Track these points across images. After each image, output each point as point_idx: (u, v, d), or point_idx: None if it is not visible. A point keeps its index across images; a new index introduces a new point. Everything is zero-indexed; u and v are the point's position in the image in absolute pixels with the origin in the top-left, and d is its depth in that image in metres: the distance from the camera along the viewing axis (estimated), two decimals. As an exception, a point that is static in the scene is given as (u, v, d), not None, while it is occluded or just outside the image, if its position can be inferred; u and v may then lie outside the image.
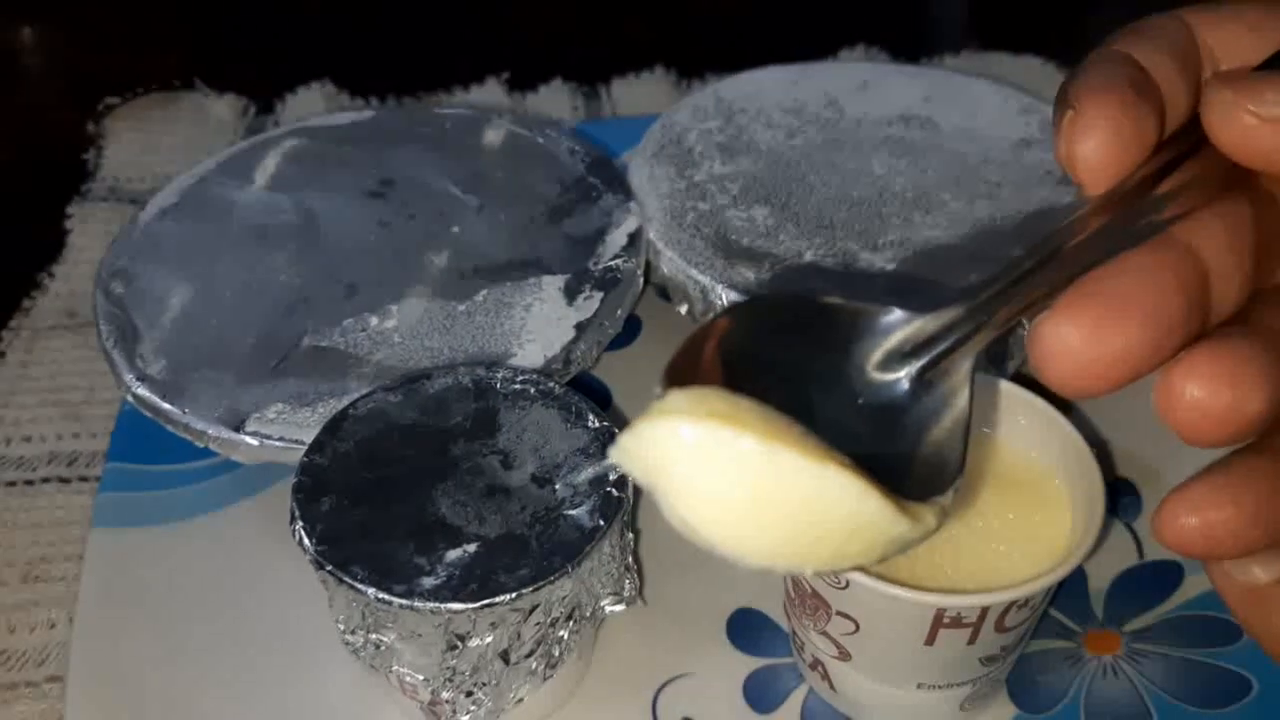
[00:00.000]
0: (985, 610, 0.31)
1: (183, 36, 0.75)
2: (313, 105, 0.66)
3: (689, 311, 0.46)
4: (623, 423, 0.44)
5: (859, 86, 0.55)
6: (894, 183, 0.50)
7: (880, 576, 0.31)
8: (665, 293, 0.48)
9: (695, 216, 0.48)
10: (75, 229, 0.57)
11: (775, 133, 0.53)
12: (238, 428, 0.40)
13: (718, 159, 0.51)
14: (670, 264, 0.46)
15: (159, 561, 0.41)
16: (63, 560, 0.43)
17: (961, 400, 0.24)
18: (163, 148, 0.63)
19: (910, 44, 0.71)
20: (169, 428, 0.41)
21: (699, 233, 0.47)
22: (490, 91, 0.67)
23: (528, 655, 0.34)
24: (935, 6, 0.80)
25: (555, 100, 0.67)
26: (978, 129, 0.53)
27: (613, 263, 0.46)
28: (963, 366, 0.24)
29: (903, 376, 0.25)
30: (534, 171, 0.51)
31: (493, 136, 0.53)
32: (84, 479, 0.46)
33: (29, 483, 0.46)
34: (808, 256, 0.46)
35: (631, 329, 0.49)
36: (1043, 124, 0.52)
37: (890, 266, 0.45)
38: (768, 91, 0.55)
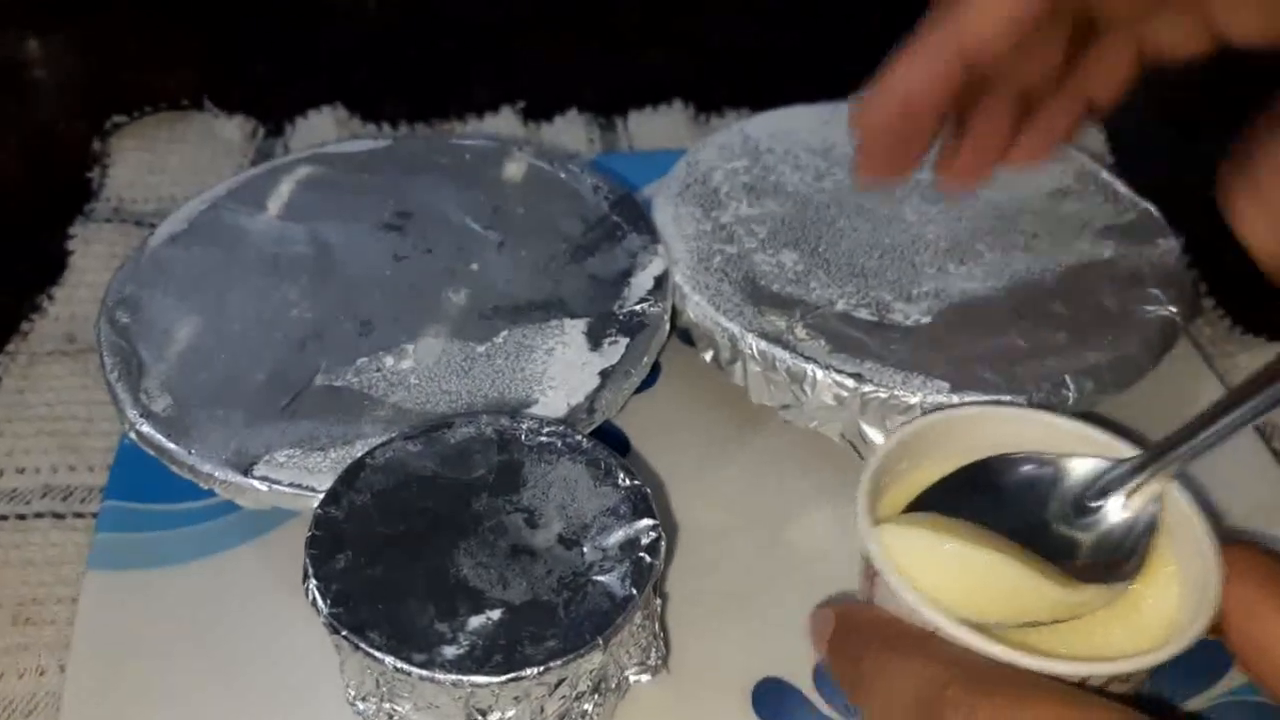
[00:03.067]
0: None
1: (193, 55, 0.73)
2: (323, 129, 0.64)
3: (714, 359, 0.45)
4: (643, 470, 0.43)
5: None
6: (926, 230, 0.48)
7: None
8: (689, 337, 0.46)
9: (722, 260, 0.46)
10: (78, 250, 0.55)
11: (803, 174, 0.51)
12: (246, 471, 0.38)
13: (744, 200, 0.49)
14: (697, 309, 0.44)
15: (157, 607, 0.39)
16: (54, 602, 0.41)
17: (1149, 517, 0.33)
18: (169, 168, 0.61)
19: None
20: (173, 469, 0.39)
21: (726, 277, 0.45)
22: (505, 121, 0.66)
23: (550, 729, 0.32)
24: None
25: (571, 131, 0.65)
26: (1010, 176, 0.50)
27: (638, 306, 0.44)
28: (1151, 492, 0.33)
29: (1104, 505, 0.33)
30: (556, 207, 0.49)
31: (513, 170, 0.52)
32: (80, 515, 0.43)
33: (21, 516, 0.44)
34: (839, 305, 0.44)
35: (651, 372, 0.47)
36: (1078, 174, 0.51)
37: (926, 320, 0.43)
38: (795, 131, 0.53)
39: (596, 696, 0.33)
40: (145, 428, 0.39)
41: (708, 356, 0.45)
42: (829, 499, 0.43)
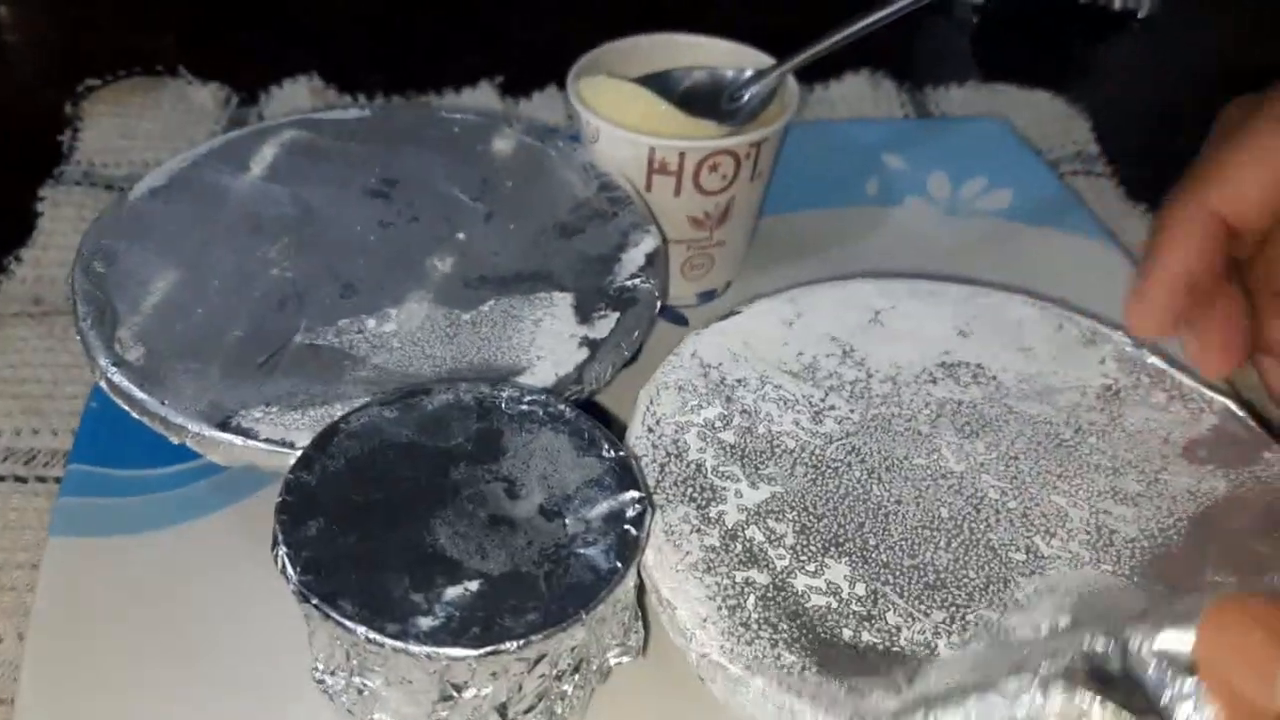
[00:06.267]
0: None
1: (169, 20, 0.71)
2: (298, 99, 0.63)
3: None
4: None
5: (870, 321, 0.42)
6: (983, 484, 0.36)
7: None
8: (675, 316, 0.45)
9: (758, 602, 0.32)
10: (47, 212, 0.54)
11: (796, 416, 0.38)
12: (221, 425, 0.36)
13: (741, 477, 0.36)
14: (759, 700, 0.31)
15: (121, 576, 0.37)
16: (14, 568, 0.39)
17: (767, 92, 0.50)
18: (141, 133, 0.60)
19: (913, 70, 0.69)
20: (144, 420, 0.37)
21: (776, 633, 0.31)
22: (484, 95, 0.65)
23: (527, 711, 0.31)
24: (937, 35, 0.79)
25: (550, 107, 0.64)
26: (1043, 375, 0.41)
27: (629, 283, 0.43)
28: None
29: None
30: (545, 184, 0.48)
31: (502, 145, 0.50)
32: (42, 479, 0.42)
33: (-19, 479, 0.42)
34: (941, 649, 0.31)
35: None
36: (1118, 358, 0.41)
37: (1059, 656, 0.29)
38: (757, 346, 0.41)
39: (576, 677, 0.31)
40: (117, 376, 0.38)
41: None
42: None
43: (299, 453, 0.33)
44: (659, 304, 0.43)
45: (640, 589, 0.34)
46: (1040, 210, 0.58)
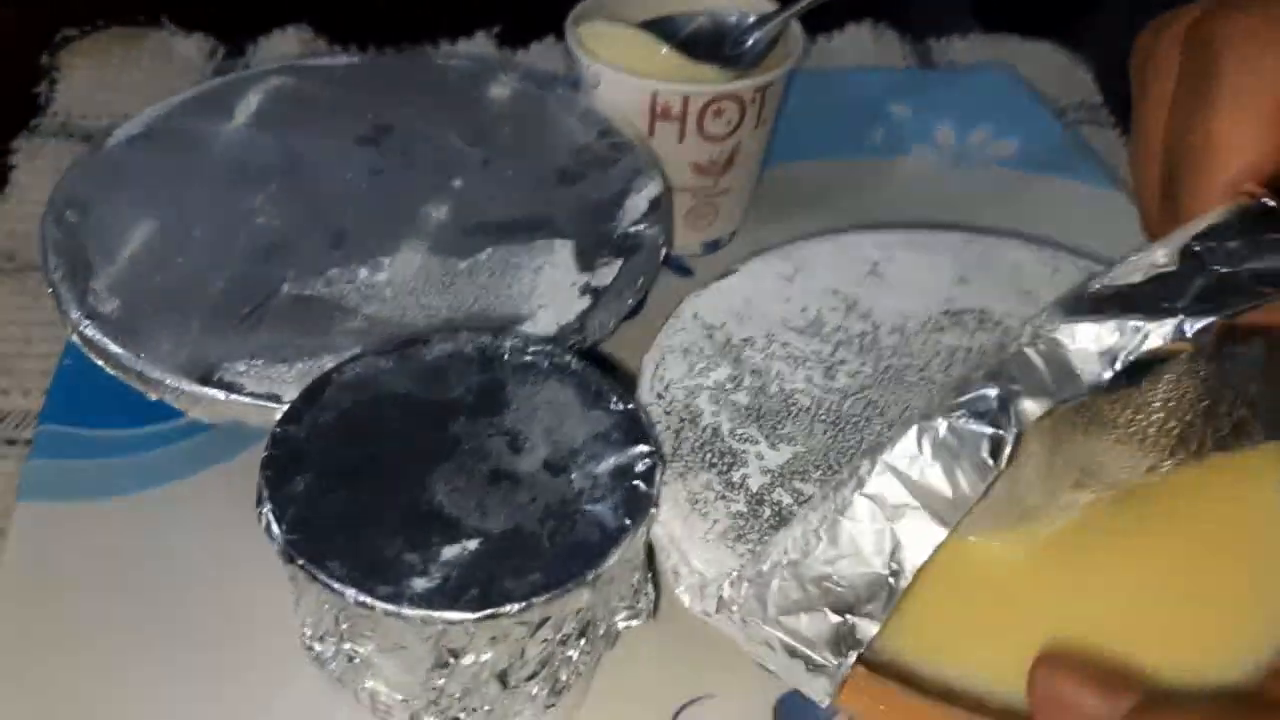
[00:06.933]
0: None
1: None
2: (287, 50, 0.61)
3: None
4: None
5: (869, 272, 0.41)
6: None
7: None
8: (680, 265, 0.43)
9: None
10: (20, 165, 0.52)
11: (808, 373, 0.36)
12: (201, 379, 0.34)
13: (760, 440, 0.34)
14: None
15: (94, 543, 0.35)
16: (-17, 536, 0.37)
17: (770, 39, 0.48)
18: (121, 86, 0.58)
19: (915, 21, 0.67)
20: (120, 376, 0.35)
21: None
22: (479, 45, 0.63)
23: (529, 678, 0.28)
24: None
25: (548, 58, 0.62)
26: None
27: (633, 229, 0.41)
28: None
29: None
30: (544, 130, 0.46)
31: (499, 91, 0.48)
32: (11, 441, 0.40)
33: (-50, 441, 0.40)
34: None
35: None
36: None
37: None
38: (760, 304, 0.39)
39: (583, 642, 0.29)
40: (90, 330, 0.35)
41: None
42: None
43: (287, 406, 0.31)
44: (664, 251, 0.41)
45: (650, 549, 0.32)
46: (1046, 159, 0.56)
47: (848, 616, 0.27)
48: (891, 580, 0.27)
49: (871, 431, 0.35)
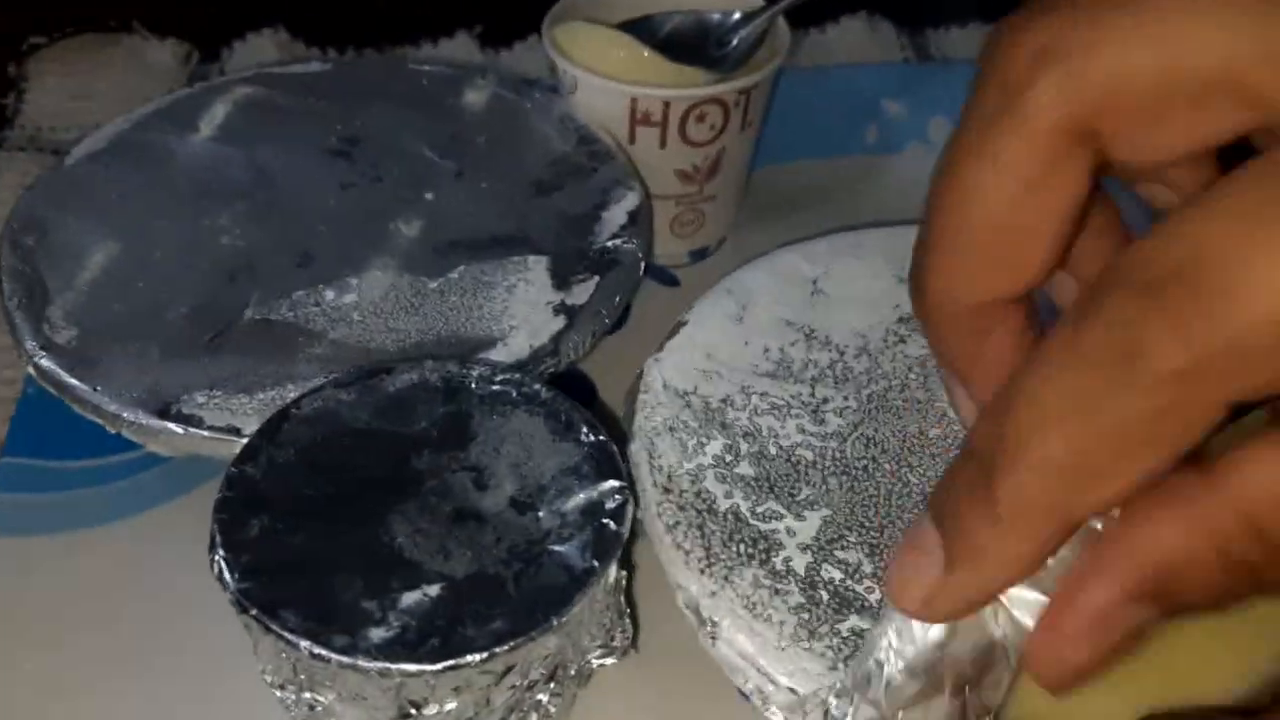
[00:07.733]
0: None
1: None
2: (263, 54, 0.59)
3: None
4: (609, 423, 0.37)
5: (813, 292, 0.39)
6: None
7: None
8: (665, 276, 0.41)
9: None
10: (-14, 180, 0.50)
11: (798, 422, 0.35)
12: (160, 412, 0.33)
13: (785, 514, 0.32)
14: None
15: (56, 578, 0.34)
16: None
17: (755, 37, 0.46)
18: (93, 95, 0.56)
19: (912, 12, 0.65)
20: (76, 408, 0.34)
21: None
22: (461, 46, 0.61)
23: (497, 724, 0.27)
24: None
25: (532, 58, 0.60)
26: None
27: (610, 243, 0.40)
28: None
29: None
30: (520, 139, 0.44)
31: (475, 97, 0.47)
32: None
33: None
34: None
35: (621, 313, 0.42)
36: None
37: None
38: (721, 355, 0.37)
39: (552, 685, 0.28)
40: (45, 361, 0.34)
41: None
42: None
43: (245, 441, 0.30)
44: (643, 265, 0.40)
45: (628, 581, 0.31)
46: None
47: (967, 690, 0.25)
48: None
49: (883, 474, 0.34)
